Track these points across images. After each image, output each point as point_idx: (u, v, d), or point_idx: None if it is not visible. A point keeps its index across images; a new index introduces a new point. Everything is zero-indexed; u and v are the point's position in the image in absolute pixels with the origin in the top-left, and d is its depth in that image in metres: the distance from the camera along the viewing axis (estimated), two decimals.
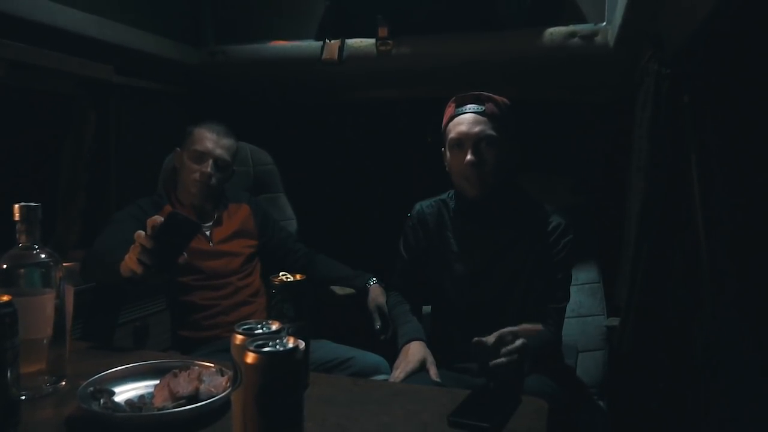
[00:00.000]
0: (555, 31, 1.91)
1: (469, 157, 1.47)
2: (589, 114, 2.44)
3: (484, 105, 1.50)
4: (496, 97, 1.53)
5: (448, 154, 1.55)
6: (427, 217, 1.64)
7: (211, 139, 1.82)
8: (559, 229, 1.53)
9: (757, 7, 1.13)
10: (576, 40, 1.89)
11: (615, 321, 1.75)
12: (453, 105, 1.55)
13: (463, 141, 1.49)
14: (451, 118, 1.53)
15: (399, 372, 1.45)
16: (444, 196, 1.67)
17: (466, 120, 1.49)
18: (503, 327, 1.50)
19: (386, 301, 1.76)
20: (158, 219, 1.14)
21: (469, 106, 1.51)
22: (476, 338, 1.26)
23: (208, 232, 1.86)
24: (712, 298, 1.38)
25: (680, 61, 1.42)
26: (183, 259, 1.19)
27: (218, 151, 1.82)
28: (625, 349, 1.60)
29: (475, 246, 1.56)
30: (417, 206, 1.69)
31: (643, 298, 1.53)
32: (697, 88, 1.41)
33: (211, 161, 1.81)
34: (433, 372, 1.45)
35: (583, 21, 1.94)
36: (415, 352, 1.49)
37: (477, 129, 1.48)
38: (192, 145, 1.82)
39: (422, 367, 1.46)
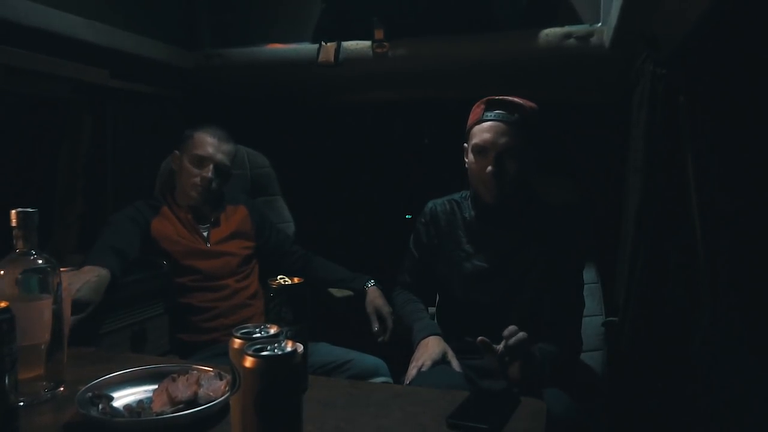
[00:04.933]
0: (550, 32, 1.91)
1: (490, 168, 1.47)
2: (585, 114, 2.44)
3: (513, 115, 1.48)
4: (525, 104, 1.50)
5: (470, 155, 1.54)
6: (440, 215, 1.66)
7: (212, 144, 1.83)
8: (569, 223, 1.56)
9: (752, 8, 1.13)
10: (571, 41, 1.89)
11: (613, 319, 1.75)
12: (482, 107, 1.53)
13: (487, 149, 1.48)
14: (478, 120, 1.52)
15: (426, 360, 1.45)
16: (456, 195, 1.69)
17: (492, 128, 1.48)
18: (511, 324, 1.52)
19: (393, 299, 1.77)
20: None
21: (497, 112, 1.49)
22: (481, 338, 1.31)
23: (205, 233, 1.87)
24: (709, 297, 1.38)
25: (675, 61, 1.42)
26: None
27: (219, 156, 1.84)
28: (623, 348, 1.60)
29: (486, 245, 1.58)
30: (430, 204, 1.70)
31: (640, 297, 1.53)
32: (693, 89, 1.42)
33: (211, 166, 1.82)
34: (455, 364, 1.46)
35: (579, 22, 1.94)
36: (434, 345, 1.50)
37: (502, 141, 1.47)
38: (193, 149, 1.83)
39: (444, 359, 1.47)
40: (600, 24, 1.88)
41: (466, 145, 1.58)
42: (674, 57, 1.43)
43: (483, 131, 1.49)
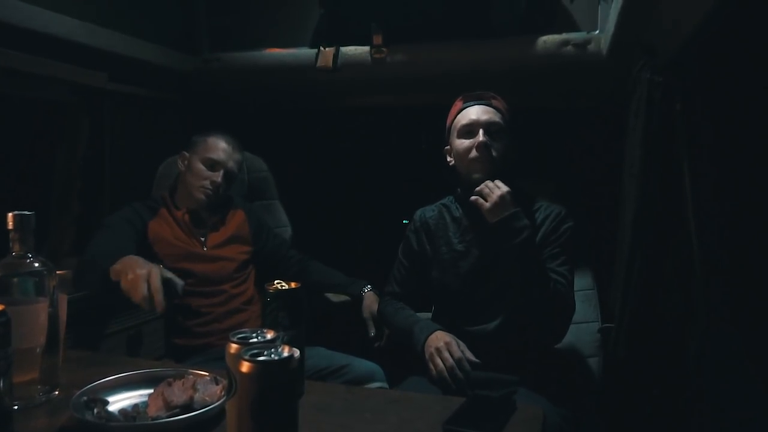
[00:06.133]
0: (548, 39, 1.92)
1: (480, 138, 1.53)
2: (582, 121, 2.45)
3: (490, 101, 1.59)
4: (499, 97, 1.62)
5: (455, 143, 1.60)
6: (429, 222, 1.68)
7: (225, 151, 1.86)
8: (559, 216, 1.58)
9: (748, 15, 1.14)
10: (569, 48, 1.90)
11: (609, 326, 1.75)
12: (460, 101, 1.62)
13: (473, 127, 1.56)
14: (459, 111, 1.60)
15: (452, 346, 1.44)
16: (444, 200, 1.70)
17: (476, 110, 1.58)
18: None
19: (382, 310, 1.75)
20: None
21: (476, 100, 1.60)
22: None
23: (203, 237, 1.86)
24: (704, 304, 1.38)
25: (672, 69, 1.43)
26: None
27: (230, 164, 1.87)
28: (619, 355, 1.60)
29: (478, 241, 1.58)
30: (418, 212, 1.72)
31: (636, 304, 1.53)
32: (689, 96, 1.42)
33: (222, 171, 1.83)
34: (469, 354, 1.45)
35: (576, 29, 1.95)
36: (444, 335, 1.49)
37: (486, 117, 1.56)
38: (205, 152, 1.85)
39: (459, 346, 1.46)
40: (597, 31, 1.89)
41: (448, 147, 1.63)
42: (671, 65, 1.43)
43: (467, 115, 1.58)
